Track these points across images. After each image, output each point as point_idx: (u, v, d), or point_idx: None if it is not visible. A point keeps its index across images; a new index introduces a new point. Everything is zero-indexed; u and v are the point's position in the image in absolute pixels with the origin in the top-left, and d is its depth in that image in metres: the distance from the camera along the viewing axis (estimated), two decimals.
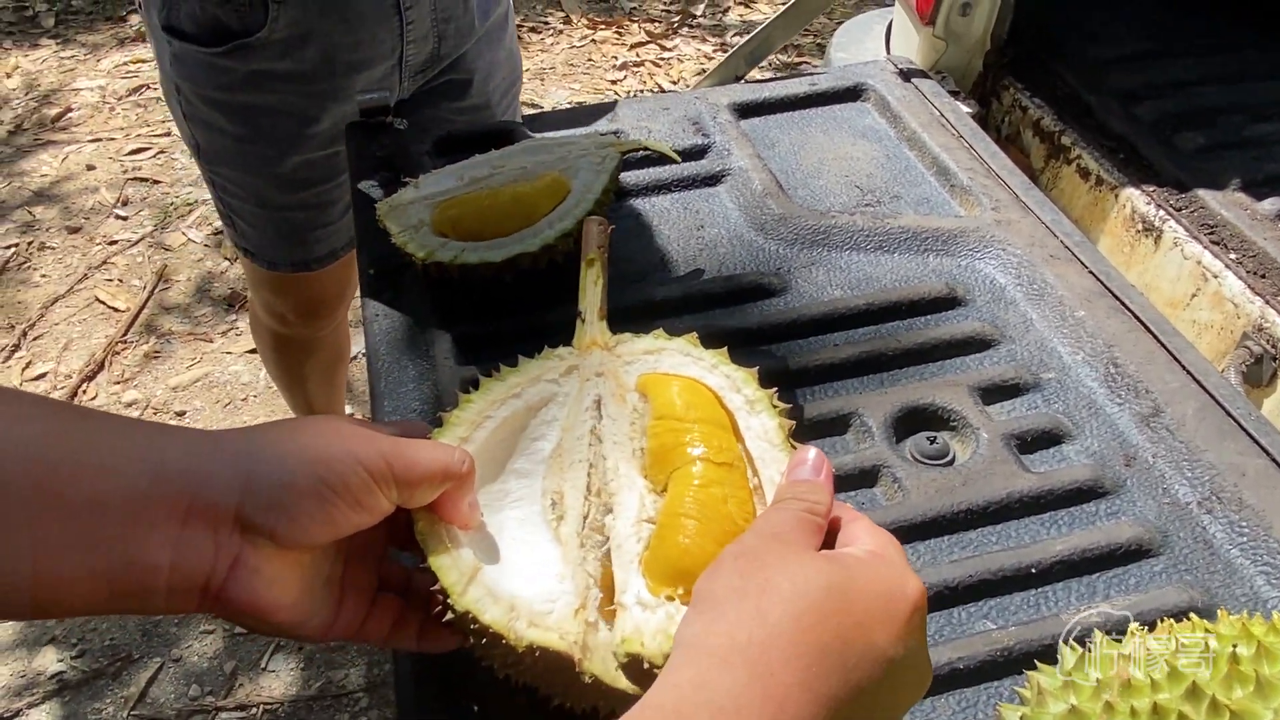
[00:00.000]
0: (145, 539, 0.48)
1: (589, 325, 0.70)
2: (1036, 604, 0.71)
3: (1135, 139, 1.23)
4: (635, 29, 3.80)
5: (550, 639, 0.54)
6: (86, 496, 0.47)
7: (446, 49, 1.35)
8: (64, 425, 0.49)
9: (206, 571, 0.50)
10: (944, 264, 0.98)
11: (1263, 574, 0.71)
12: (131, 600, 0.49)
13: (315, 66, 1.25)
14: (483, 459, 0.61)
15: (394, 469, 0.54)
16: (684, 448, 0.60)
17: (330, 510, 0.52)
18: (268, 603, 0.52)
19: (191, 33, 1.23)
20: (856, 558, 0.50)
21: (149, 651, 1.92)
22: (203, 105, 1.30)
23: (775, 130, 1.17)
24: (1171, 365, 0.85)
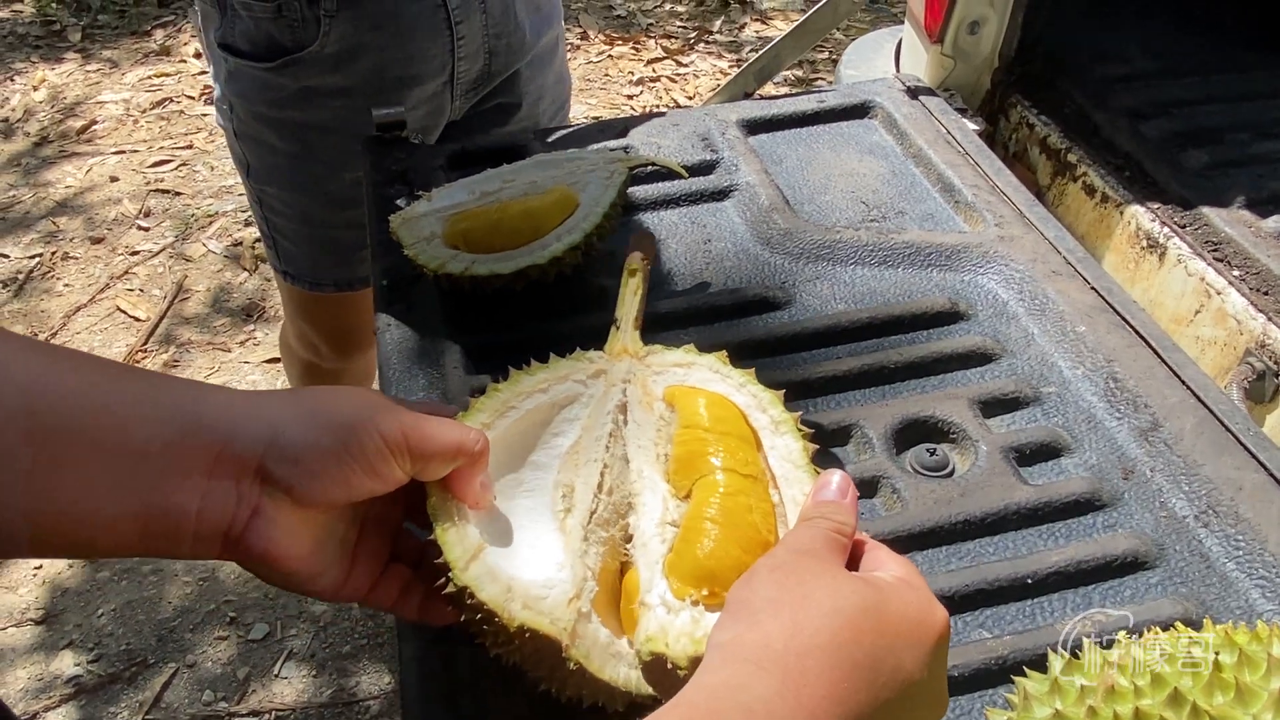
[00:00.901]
0: (178, 486, 0.51)
1: (623, 333, 0.72)
2: (1032, 614, 0.72)
3: (1141, 156, 1.24)
4: (652, 45, 3.83)
5: (541, 623, 0.55)
6: (128, 445, 0.50)
7: (498, 66, 1.36)
8: (109, 378, 0.52)
9: (228, 519, 0.53)
10: (947, 279, 0.99)
11: (1257, 587, 0.72)
12: (160, 544, 0.52)
13: (366, 81, 1.26)
14: (502, 446, 0.64)
15: (410, 441, 0.56)
16: (709, 457, 0.62)
17: (346, 473, 0.54)
18: (281, 553, 0.55)
19: (246, 50, 1.26)
20: (888, 582, 0.51)
21: (164, 657, 1.95)
22: (254, 123, 1.32)
23: (783, 146, 1.19)
24: (1171, 380, 0.86)
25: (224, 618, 2.02)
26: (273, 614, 2.03)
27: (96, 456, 0.50)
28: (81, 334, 2.61)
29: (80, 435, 0.50)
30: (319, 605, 2.04)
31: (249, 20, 1.23)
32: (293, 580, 0.57)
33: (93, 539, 0.51)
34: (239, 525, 0.53)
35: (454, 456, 0.59)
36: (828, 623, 0.47)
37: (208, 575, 2.09)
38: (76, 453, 0.49)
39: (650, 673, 0.55)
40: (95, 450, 0.50)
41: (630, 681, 0.57)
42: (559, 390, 0.68)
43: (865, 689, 0.45)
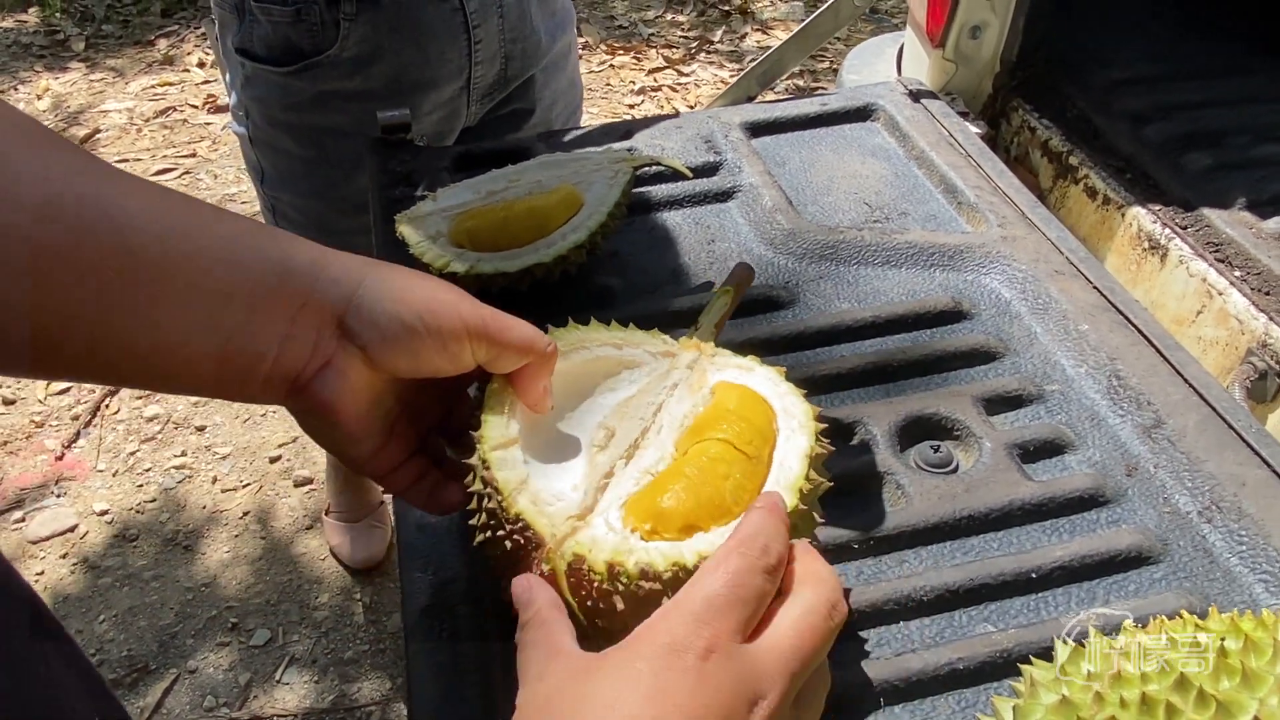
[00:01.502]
0: (261, 329, 0.53)
1: (700, 331, 0.74)
2: (1036, 608, 0.72)
3: (1143, 159, 1.25)
4: (653, 54, 3.85)
5: (538, 521, 0.56)
6: (219, 286, 0.52)
7: (513, 70, 1.37)
8: (205, 219, 0.53)
9: (300, 367, 0.55)
10: (950, 279, 0.99)
11: (1261, 582, 0.72)
12: (233, 385, 0.54)
13: (384, 85, 1.27)
14: (563, 377, 0.66)
15: (489, 327, 0.58)
16: (717, 429, 0.63)
17: (419, 345, 0.56)
18: (341, 407, 0.56)
19: (264, 54, 1.26)
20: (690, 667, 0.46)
21: (165, 663, 1.95)
22: (270, 128, 1.32)
23: (786, 148, 1.19)
24: (1173, 378, 0.87)
25: (226, 624, 2.02)
26: (274, 620, 2.03)
27: (189, 295, 0.51)
28: None
29: (175, 273, 0.51)
30: (320, 611, 2.04)
31: (267, 25, 1.24)
32: (338, 438, 0.59)
33: (171, 374, 0.53)
34: (309, 373, 0.55)
35: (527, 352, 0.60)
36: None
37: (209, 582, 2.09)
38: (170, 290, 0.50)
39: (570, 578, 0.55)
40: (188, 289, 0.51)
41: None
42: (629, 352, 0.71)
43: None
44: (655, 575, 0.53)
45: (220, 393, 0.55)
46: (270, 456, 2.35)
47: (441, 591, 0.71)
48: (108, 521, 2.20)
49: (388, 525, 2.15)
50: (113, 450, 2.36)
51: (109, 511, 2.22)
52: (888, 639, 0.70)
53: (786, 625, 0.49)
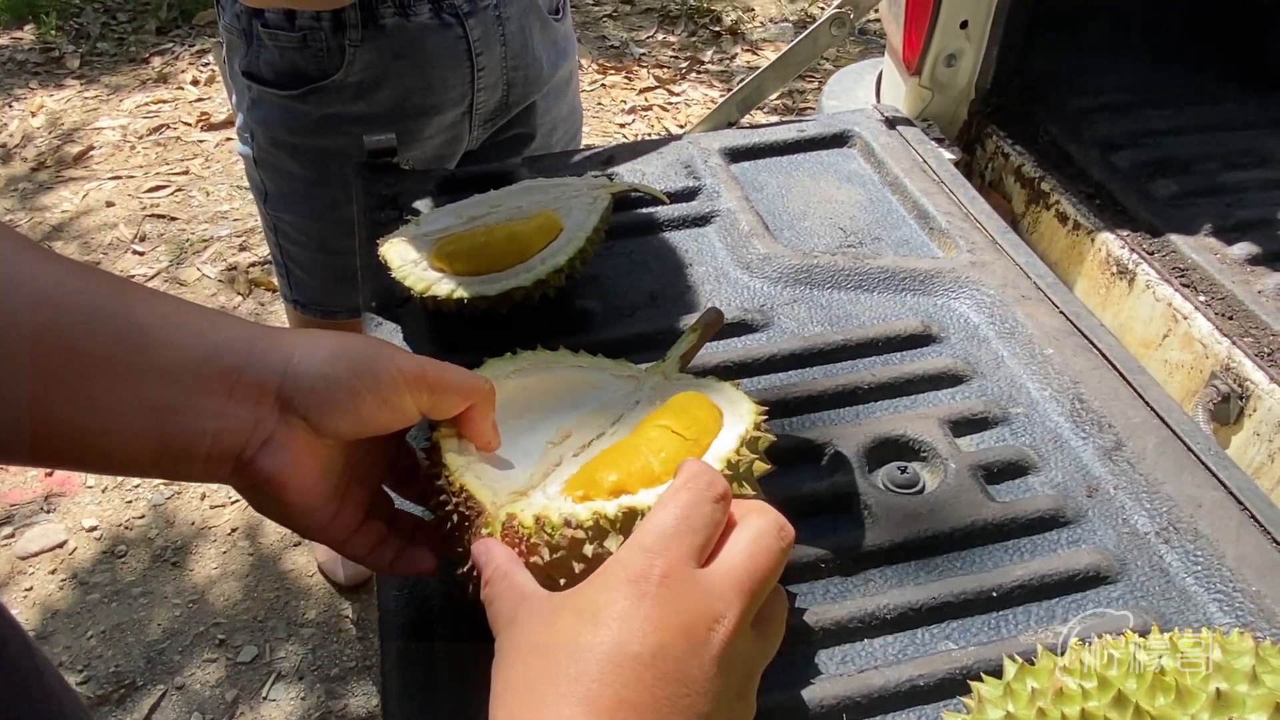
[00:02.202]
0: (197, 408, 0.53)
1: (665, 364, 0.78)
2: (996, 626, 0.74)
3: (1112, 186, 1.28)
4: (644, 74, 3.89)
5: (480, 492, 0.59)
6: (151, 366, 0.52)
7: (515, 97, 1.40)
8: (135, 299, 0.53)
9: (242, 443, 0.55)
10: (921, 303, 1.02)
11: (1215, 601, 0.74)
12: (174, 465, 0.54)
13: (388, 110, 1.30)
14: (526, 392, 0.71)
15: (427, 374, 0.59)
16: (660, 420, 0.67)
17: (359, 404, 0.56)
18: (289, 480, 0.56)
19: (270, 78, 1.29)
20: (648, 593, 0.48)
21: (152, 679, 1.95)
22: (274, 150, 1.35)
23: (764, 174, 1.22)
24: (1134, 401, 0.89)
25: (213, 639, 2.02)
26: (261, 636, 2.04)
27: (120, 377, 0.51)
28: None
29: (105, 354, 0.50)
30: (308, 628, 2.05)
31: (274, 50, 1.26)
32: (289, 511, 0.58)
33: (109, 455, 0.53)
34: (252, 449, 0.55)
35: (468, 394, 0.62)
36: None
37: (197, 598, 2.10)
38: (100, 371, 0.50)
39: (505, 537, 0.58)
40: (119, 370, 0.51)
41: None
42: (593, 374, 0.75)
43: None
44: (578, 524, 0.56)
45: (161, 473, 0.55)
46: None
47: (418, 609, 0.73)
48: (96, 537, 2.21)
49: None
50: None
51: (98, 527, 2.23)
52: (852, 656, 0.72)
53: (739, 549, 0.52)
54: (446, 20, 1.29)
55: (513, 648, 0.50)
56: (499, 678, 0.49)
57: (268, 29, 1.26)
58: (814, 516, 0.82)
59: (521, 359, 0.73)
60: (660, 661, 0.46)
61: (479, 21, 1.32)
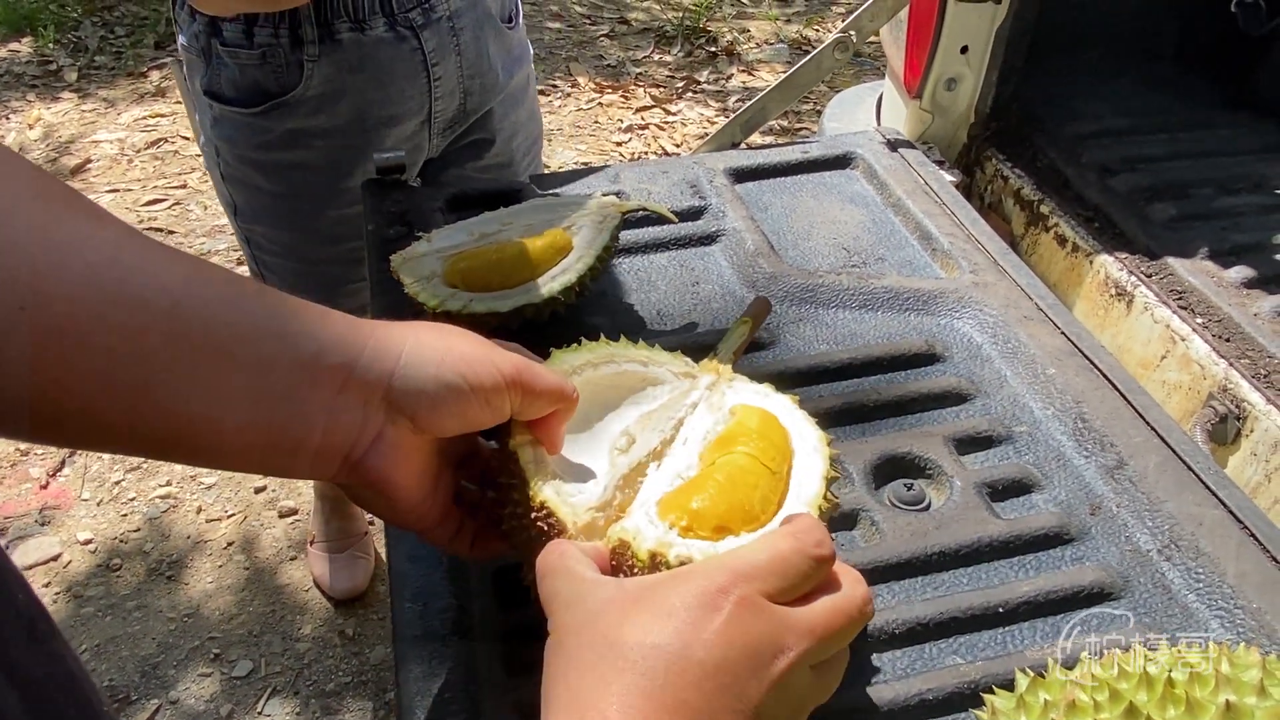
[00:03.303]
0: (306, 400, 0.54)
1: (719, 356, 0.79)
2: (1003, 641, 0.75)
3: (1110, 209, 1.30)
4: (641, 93, 3.92)
5: (560, 509, 0.60)
6: (262, 358, 0.53)
7: (472, 105, 1.43)
8: (248, 294, 0.54)
9: (352, 441, 0.56)
10: (924, 322, 1.03)
11: (1217, 617, 0.76)
12: (281, 458, 0.55)
13: (348, 123, 1.32)
14: (590, 389, 0.71)
15: (523, 377, 0.60)
16: (741, 443, 0.67)
17: (465, 404, 0.58)
18: (396, 478, 0.58)
19: (231, 96, 1.30)
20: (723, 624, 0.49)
21: (147, 693, 1.94)
22: (241, 165, 1.36)
23: (768, 194, 1.24)
24: (1136, 421, 0.91)
25: (208, 654, 2.02)
26: (256, 651, 2.03)
27: (232, 367, 0.52)
28: None
29: (220, 345, 0.52)
30: (303, 642, 2.05)
31: (234, 67, 1.28)
32: (396, 506, 0.60)
33: (216, 446, 0.54)
34: (361, 448, 0.57)
35: (556, 399, 0.63)
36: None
37: (192, 612, 2.09)
38: (214, 362, 0.51)
39: (613, 559, 0.59)
40: (232, 361, 0.52)
41: None
42: (653, 370, 0.75)
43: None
44: None
45: (270, 467, 0.56)
46: (255, 487, 2.36)
47: (432, 622, 0.73)
48: (91, 551, 2.21)
49: (371, 556, 2.16)
50: (98, 479, 2.36)
51: (93, 540, 2.22)
52: (862, 669, 0.73)
53: (824, 604, 0.53)
54: (401, 33, 1.32)
55: (576, 630, 0.50)
56: (560, 655, 0.50)
57: (226, 47, 1.28)
58: None
59: (586, 350, 0.73)
60: (722, 673, 0.47)
61: (434, 33, 1.34)
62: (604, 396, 0.73)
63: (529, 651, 0.71)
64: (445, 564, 0.77)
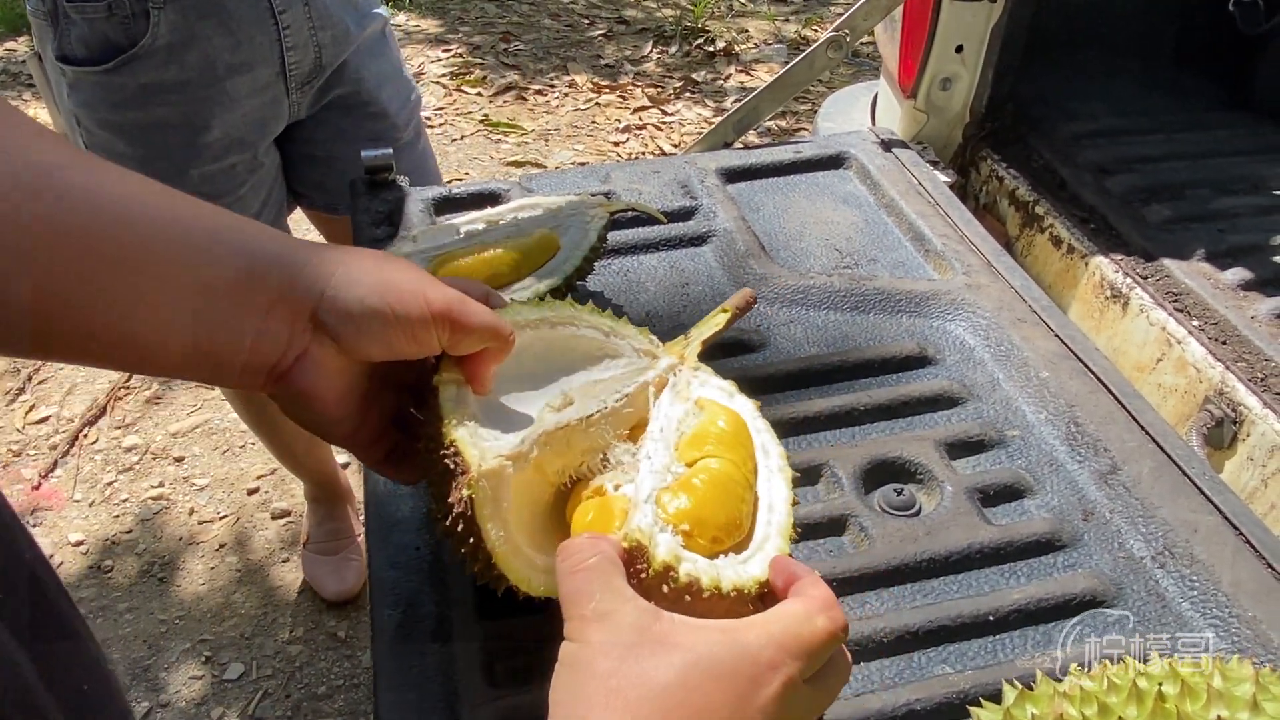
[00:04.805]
0: (238, 322, 0.56)
1: (690, 342, 0.77)
2: (993, 650, 0.74)
3: (1106, 210, 1.29)
4: (638, 93, 3.91)
5: (468, 450, 0.60)
6: (200, 278, 0.55)
7: (328, 58, 1.45)
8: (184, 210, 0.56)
9: (278, 356, 0.58)
10: (916, 325, 1.02)
11: (1212, 626, 0.74)
12: (208, 371, 0.58)
13: (199, 74, 1.34)
14: (544, 347, 0.70)
15: (452, 313, 0.60)
16: (715, 445, 0.66)
17: (389, 332, 0.59)
18: (318, 394, 0.60)
19: (82, 56, 1.32)
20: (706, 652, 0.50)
21: (138, 696, 1.93)
22: (101, 131, 1.38)
23: (760, 194, 1.22)
24: (1130, 425, 0.89)
25: (199, 656, 2.00)
26: (248, 653, 2.02)
27: (171, 287, 0.54)
28: (65, 370, 2.61)
29: (159, 265, 0.54)
30: (294, 644, 2.04)
31: (83, 24, 1.30)
32: (319, 420, 0.62)
33: (152, 359, 0.56)
34: (286, 363, 0.58)
35: (488, 338, 0.63)
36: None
37: (183, 613, 2.08)
38: (153, 281, 0.53)
39: (623, 556, 0.57)
40: (170, 281, 0.54)
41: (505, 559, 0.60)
42: (614, 341, 0.74)
43: None
44: (698, 591, 0.57)
45: (195, 377, 0.59)
46: (248, 488, 2.34)
47: (412, 629, 0.72)
48: (83, 552, 2.19)
49: (364, 558, 2.15)
50: (90, 480, 2.35)
51: (84, 542, 2.21)
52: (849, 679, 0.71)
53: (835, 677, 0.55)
54: None
55: (608, 653, 0.49)
56: (589, 678, 0.49)
57: (72, 3, 1.30)
58: (809, 538, 0.82)
59: (545, 308, 0.72)
60: None
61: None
62: (558, 357, 0.72)
63: (509, 660, 0.70)
64: (427, 571, 0.76)
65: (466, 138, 3.64)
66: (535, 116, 3.76)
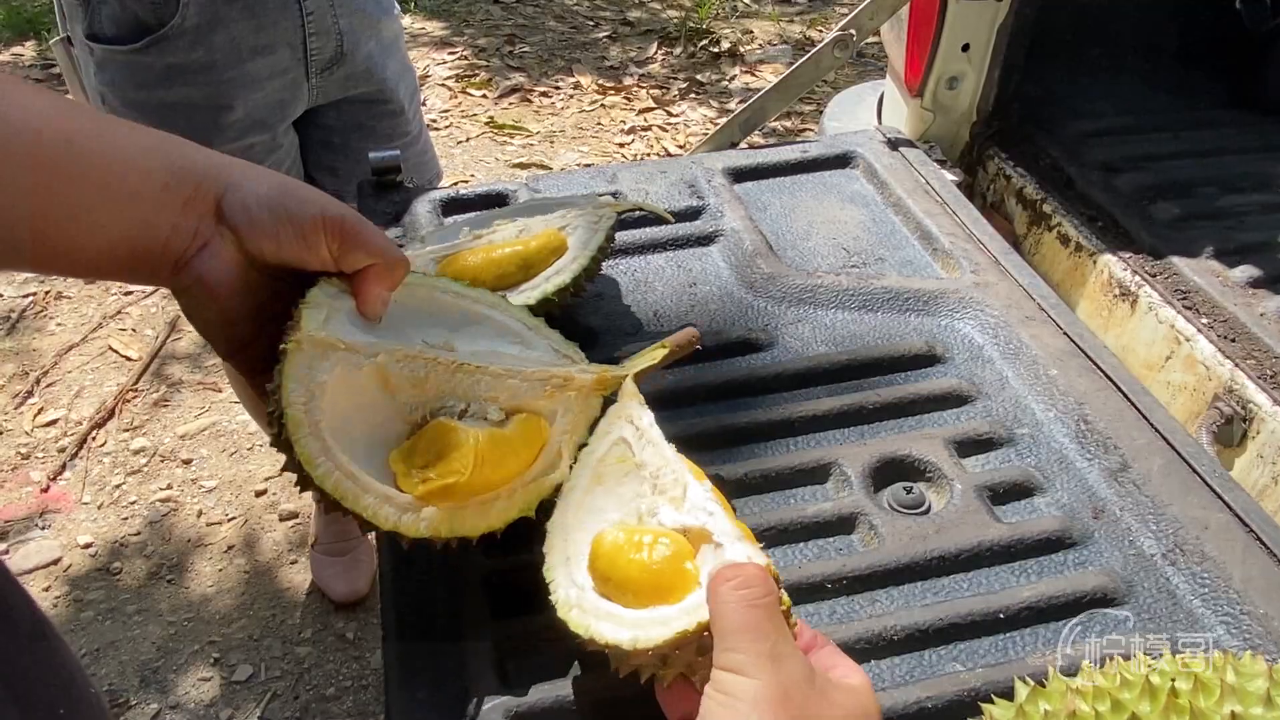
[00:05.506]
0: (159, 218, 0.60)
1: (623, 371, 0.76)
2: (1004, 648, 0.73)
3: (1114, 208, 1.29)
4: (643, 95, 3.91)
5: (309, 317, 0.63)
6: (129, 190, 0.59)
7: (349, 45, 1.48)
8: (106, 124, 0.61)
9: (184, 249, 0.62)
10: (925, 323, 1.02)
11: (1223, 623, 0.74)
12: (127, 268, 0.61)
13: (224, 55, 1.37)
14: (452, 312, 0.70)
15: (344, 224, 0.63)
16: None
17: (280, 229, 0.62)
18: (214, 282, 0.62)
19: (112, 34, 1.35)
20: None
21: (147, 698, 1.93)
22: (126, 110, 1.41)
23: (767, 194, 1.22)
24: (1139, 422, 0.89)
25: (208, 658, 2.01)
26: (257, 655, 2.02)
27: (99, 196, 0.58)
28: (73, 373, 2.62)
29: (86, 176, 0.58)
30: (303, 646, 2.04)
31: (114, 3, 1.33)
32: (213, 320, 0.64)
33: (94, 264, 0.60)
34: (190, 253, 0.62)
35: (375, 255, 0.65)
36: None
37: (192, 615, 2.08)
38: (81, 190, 0.58)
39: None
40: (98, 190, 0.58)
41: (296, 425, 0.63)
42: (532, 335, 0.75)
43: None
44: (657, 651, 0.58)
45: (110, 276, 0.62)
46: (256, 490, 2.35)
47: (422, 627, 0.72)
48: (91, 554, 2.20)
49: (372, 559, 2.15)
50: (98, 483, 2.35)
51: (93, 544, 2.22)
52: None
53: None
54: None
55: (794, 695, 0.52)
56: (782, 707, 0.51)
57: None
58: (819, 537, 0.82)
59: (481, 292, 0.73)
60: None
61: None
62: (469, 325, 0.73)
63: (521, 659, 0.71)
64: (437, 571, 0.76)
65: (472, 140, 3.64)
66: (540, 118, 3.76)
